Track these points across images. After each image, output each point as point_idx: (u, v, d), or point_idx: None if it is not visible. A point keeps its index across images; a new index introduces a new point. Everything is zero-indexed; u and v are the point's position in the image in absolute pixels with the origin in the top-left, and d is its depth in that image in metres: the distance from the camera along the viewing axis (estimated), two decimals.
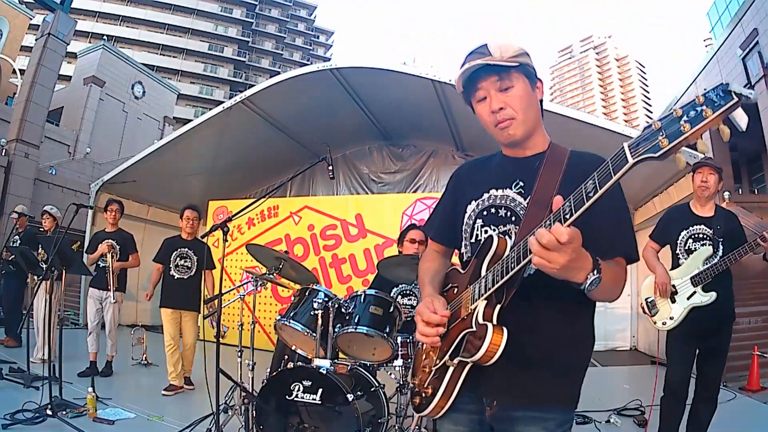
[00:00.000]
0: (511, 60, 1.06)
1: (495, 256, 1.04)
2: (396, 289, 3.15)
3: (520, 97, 1.08)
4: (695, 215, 2.59)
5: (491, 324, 0.99)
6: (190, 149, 6.83)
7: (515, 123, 1.08)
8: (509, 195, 1.13)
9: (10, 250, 4.92)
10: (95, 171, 16.69)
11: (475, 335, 1.00)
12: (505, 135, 1.10)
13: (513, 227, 1.10)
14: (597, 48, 79.52)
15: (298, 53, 45.81)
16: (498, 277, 0.98)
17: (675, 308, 2.51)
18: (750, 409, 3.74)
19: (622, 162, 0.75)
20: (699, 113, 0.68)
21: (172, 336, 3.82)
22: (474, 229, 1.17)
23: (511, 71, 1.07)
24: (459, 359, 1.03)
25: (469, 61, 1.08)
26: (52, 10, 12.56)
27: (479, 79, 1.08)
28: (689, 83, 17.19)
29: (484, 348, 0.96)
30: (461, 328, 1.05)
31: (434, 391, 1.08)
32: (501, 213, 1.13)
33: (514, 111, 1.08)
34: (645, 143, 0.73)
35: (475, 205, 1.18)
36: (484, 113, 1.11)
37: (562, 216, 0.83)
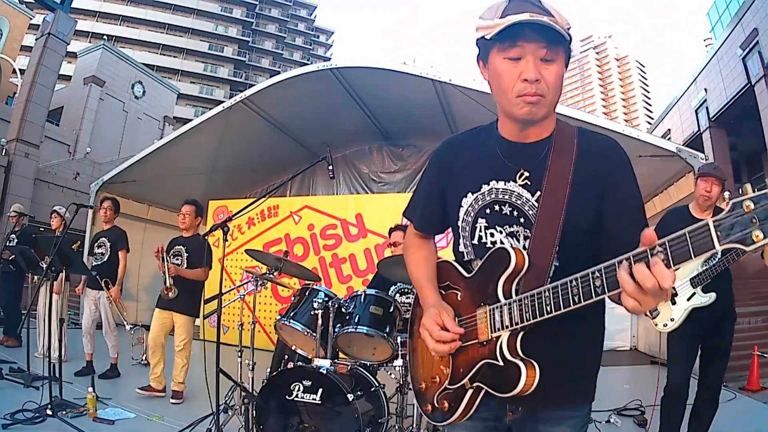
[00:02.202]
0: (567, 32, 0.91)
1: (512, 273, 0.94)
2: (394, 288, 3.16)
3: (557, 75, 0.93)
4: (694, 218, 2.59)
5: (522, 362, 0.90)
6: (190, 149, 6.82)
7: (543, 102, 0.93)
8: (514, 190, 1.01)
9: (10, 249, 4.92)
10: (95, 171, 16.69)
11: (502, 370, 0.92)
12: (526, 111, 0.94)
13: (521, 229, 1.01)
14: (597, 48, 79.51)
15: (298, 53, 45.82)
16: (529, 315, 0.88)
17: (675, 310, 2.52)
18: (750, 409, 3.74)
19: (706, 245, 0.64)
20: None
21: (152, 337, 3.68)
22: (476, 230, 1.06)
23: (561, 45, 0.92)
24: (479, 385, 0.97)
25: (526, 10, 0.88)
26: (52, 9, 12.56)
27: (524, 35, 0.89)
28: (689, 83, 17.18)
29: (519, 389, 0.89)
30: (480, 354, 0.97)
31: (452, 406, 1.03)
32: (506, 210, 1.02)
33: (546, 88, 0.92)
34: (734, 228, 0.62)
35: (472, 199, 1.06)
36: (510, 75, 0.92)
37: (649, 255, 0.71)
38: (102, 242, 4.36)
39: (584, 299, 0.80)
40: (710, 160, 1.18)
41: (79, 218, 4.08)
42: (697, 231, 0.65)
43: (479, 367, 0.97)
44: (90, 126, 21.30)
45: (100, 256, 4.32)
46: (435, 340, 1.00)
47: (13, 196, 11.37)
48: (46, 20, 12.58)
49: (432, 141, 7.29)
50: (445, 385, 1.05)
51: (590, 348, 1.07)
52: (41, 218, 9.38)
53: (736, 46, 13.57)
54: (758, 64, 12.50)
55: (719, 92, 14.74)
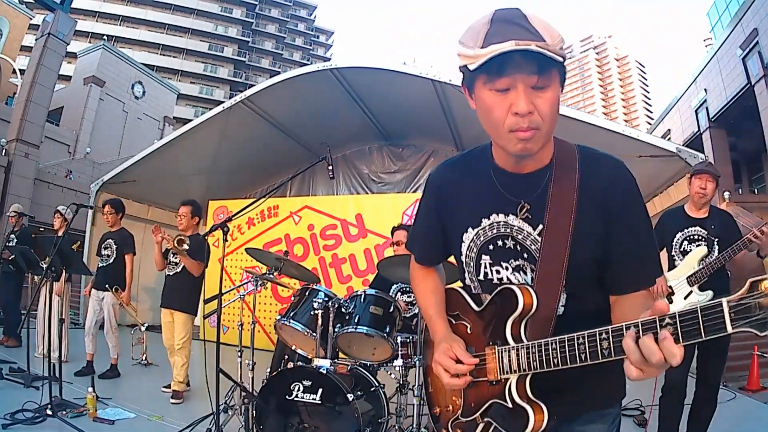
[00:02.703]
0: (559, 53, 0.80)
1: (521, 315, 0.92)
2: (395, 287, 3.16)
3: (552, 103, 0.83)
4: (690, 217, 2.60)
5: (529, 405, 0.88)
6: (190, 149, 6.82)
7: (537, 135, 0.83)
8: (515, 224, 0.96)
9: (10, 249, 4.92)
10: (95, 171, 16.70)
11: (510, 410, 0.91)
12: (520, 148, 0.85)
13: (526, 264, 0.97)
14: (597, 48, 79.53)
15: (298, 53, 45.83)
16: (536, 364, 0.86)
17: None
18: (750, 409, 3.74)
19: (718, 326, 0.63)
20: None
21: (166, 338, 3.74)
22: (480, 267, 1.02)
23: (554, 68, 0.82)
24: (489, 420, 0.97)
25: (511, 37, 0.77)
26: (52, 10, 12.57)
27: (513, 64, 0.79)
28: (689, 83, 17.19)
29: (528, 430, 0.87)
30: (490, 392, 0.96)
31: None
32: (509, 245, 0.98)
33: (540, 119, 0.82)
34: (750, 313, 0.60)
35: (474, 234, 1.02)
36: (500, 109, 0.83)
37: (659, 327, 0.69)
38: (108, 244, 4.37)
39: (591, 359, 0.77)
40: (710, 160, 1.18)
41: (79, 218, 4.09)
42: (710, 310, 0.63)
43: (489, 405, 0.96)
44: (90, 126, 21.31)
45: (106, 258, 4.33)
46: (451, 375, 0.97)
47: (13, 196, 11.38)
48: (46, 20, 12.59)
49: (432, 141, 7.31)
50: (458, 415, 1.05)
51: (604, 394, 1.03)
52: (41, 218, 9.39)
53: (736, 46, 13.58)
54: (758, 64, 12.52)
55: (719, 92, 14.75)
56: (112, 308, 4.29)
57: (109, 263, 4.31)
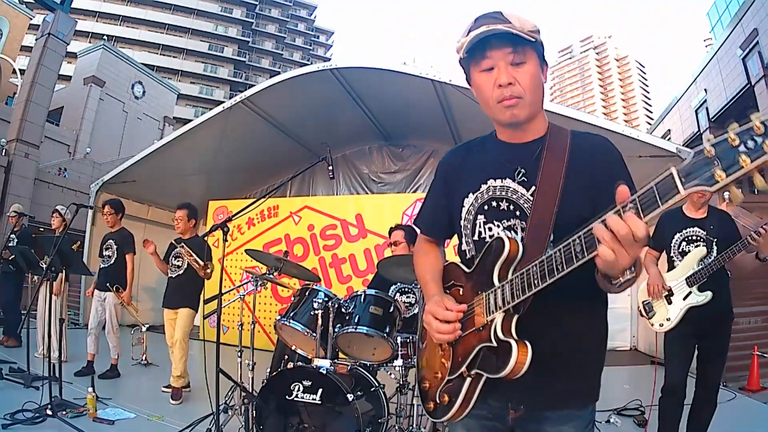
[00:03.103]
0: (530, 34, 0.97)
1: (507, 260, 0.98)
2: (394, 287, 3.16)
3: (531, 75, 0.99)
4: (688, 218, 2.60)
5: (514, 341, 0.93)
6: (190, 149, 6.82)
7: (522, 103, 0.99)
8: (510, 186, 1.06)
9: (10, 249, 4.92)
10: (95, 171, 16.70)
11: (496, 351, 0.95)
12: (509, 115, 1.00)
13: (518, 222, 1.05)
14: (597, 48, 79.53)
15: (298, 53, 45.82)
16: (518, 292, 0.92)
17: (672, 309, 2.52)
18: (750, 409, 3.74)
19: (672, 191, 0.68)
20: (758, 145, 0.61)
21: (169, 336, 3.78)
22: (476, 226, 1.10)
23: (527, 46, 0.98)
24: (477, 371, 0.99)
25: (484, 24, 0.97)
26: (52, 10, 12.57)
27: (490, 46, 0.97)
28: (689, 83, 17.20)
29: (509, 367, 0.91)
30: (477, 339, 1.00)
31: (451, 399, 1.04)
32: (503, 206, 1.06)
33: (522, 89, 0.98)
34: (698, 172, 0.66)
35: (473, 198, 1.11)
36: (487, 85, 1.00)
37: (622, 210, 0.74)
38: (109, 244, 4.38)
39: (567, 266, 0.83)
40: None
41: (79, 218, 4.09)
42: (662, 181, 0.70)
43: (476, 353, 0.99)
44: (90, 126, 21.31)
45: (107, 259, 4.34)
46: (440, 320, 1.03)
47: (13, 196, 11.38)
48: (46, 20, 12.59)
49: (432, 141, 7.30)
50: (446, 378, 1.08)
51: (593, 347, 1.08)
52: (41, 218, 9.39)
53: (736, 46, 13.58)
54: (758, 64, 12.52)
55: (719, 92, 14.75)
56: (113, 308, 4.29)
57: (110, 264, 4.31)
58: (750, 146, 0.62)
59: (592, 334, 1.07)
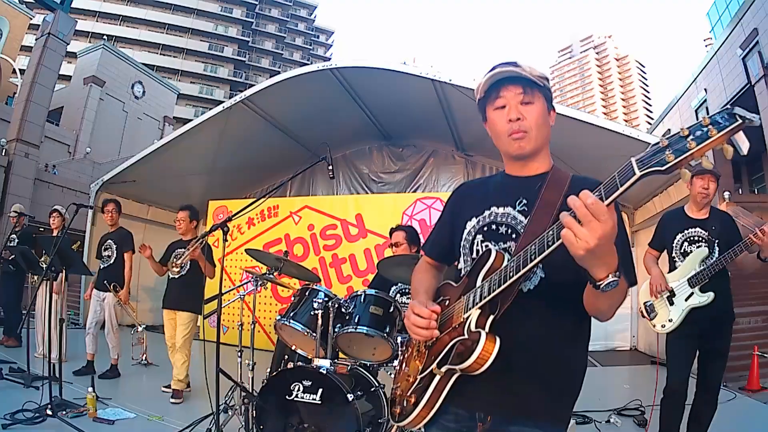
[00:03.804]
0: (538, 79, 1.11)
1: (491, 269, 1.04)
2: (394, 288, 3.15)
3: (537, 114, 1.11)
4: (690, 218, 2.60)
5: (484, 331, 0.98)
6: (190, 149, 6.82)
7: (528, 137, 1.11)
8: (511, 213, 1.14)
9: (10, 249, 4.92)
10: (95, 171, 16.68)
11: (466, 342, 1.00)
12: (516, 146, 1.12)
13: (513, 244, 1.10)
14: (597, 48, 79.47)
15: (298, 53, 45.80)
16: (495, 286, 0.99)
17: (673, 310, 2.52)
18: (750, 409, 3.74)
19: (629, 174, 0.78)
20: (705, 132, 0.73)
21: (168, 337, 3.79)
22: (474, 245, 1.18)
23: (536, 89, 1.12)
24: (447, 368, 1.02)
25: (500, 68, 1.12)
26: (52, 9, 12.56)
27: (503, 87, 1.12)
28: (689, 83, 17.18)
29: (475, 354, 0.95)
30: (452, 336, 1.05)
31: (417, 400, 1.07)
32: (501, 230, 1.14)
33: (529, 125, 1.10)
34: (652, 158, 0.77)
35: (475, 222, 1.19)
36: (500, 121, 1.13)
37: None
38: (108, 245, 4.38)
39: (539, 254, 0.89)
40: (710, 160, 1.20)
41: (79, 218, 4.08)
42: (623, 168, 0.79)
43: (449, 349, 1.04)
44: (90, 126, 21.27)
45: (107, 259, 4.34)
46: (415, 313, 1.10)
47: (13, 196, 11.36)
48: (46, 20, 12.57)
49: (432, 141, 7.31)
50: (417, 378, 1.12)
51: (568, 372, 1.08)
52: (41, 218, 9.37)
53: (736, 46, 13.57)
54: (758, 64, 12.51)
55: (719, 92, 14.74)
56: (113, 308, 4.29)
57: (110, 263, 4.32)
58: (698, 134, 0.73)
59: (571, 359, 1.09)
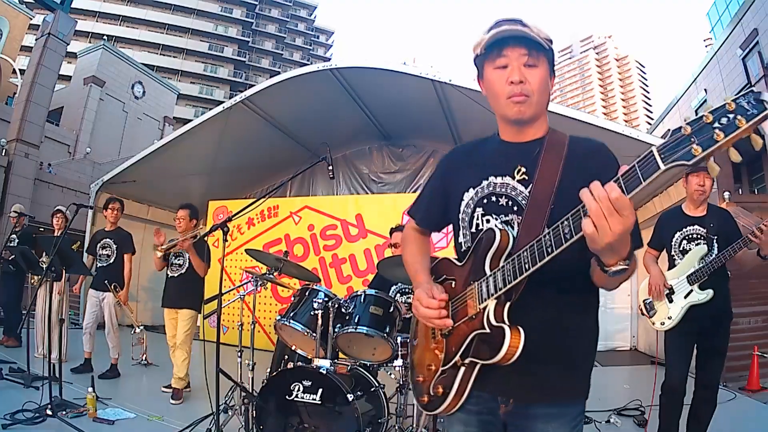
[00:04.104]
0: (545, 41, 1.06)
1: (498, 250, 1.02)
2: (394, 288, 3.16)
3: (540, 78, 1.06)
4: (688, 216, 2.60)
5: (507, 326, 0.96)
6: (190, 149, 6.82)
7: (529, 101, 1.05)
8: (510, 183, 1.10)
9: (10, 249, 4.92)
10: (95, 171, 16.68)
11: (489, 337, 0.97)
12: (516, 110, 1.06)
13: (515, 217, 1.08)
14: (597, 48, 79.43)
15: (298, 53, 45.79)
16: (510, 277, 0.96)
17: (673, 308, 2.53)
18: (750, 409, 3.74)
19: (652, 167, 0.73)
20: (731, 121, 0.65)
21: (170, 336, 3.80)
22: (473, 218, 1.14)
23: (541, 52, 1.06)
24: (471, 360, 1.01)
25: (506, 25, 1.05)
26: (52, 10, 12.55)
27: (507, 46, 1.05)
28: (689, 83, 17.19)
29: (503, 352, 0.93)
30: (471, 327, 1.03)
31: (445, 390, 1.06)
32: (502, 202, 1.10)
33: (531, 89, 1.05)
34: (676, 149, 0.70)
35: (473, 193, 1.15)
36: (499, 81, 1.06)
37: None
38: (107, 243, 4.37)
39: (556, 247, 0.86)
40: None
41: (79, 218, 4.09)
42: (644, 159, 0.74)
43: (470, 341, 1.02)
44: (90, 126, 21.26)
45: (105, 258, 4.33)
46: (424, 306, 1.07)
47: (13, 196, 11.35)
48: (46, 20, 12.56)
49: (432, 141, 7.30)
50: (439, 369, 1.10)
51: (583, 342, 1.09)
52: (41, 218, 9.36)
53: (736, 46, 13.58)
54: (758, 64, 12.52)
55: (719, 92, 14.73)
56: (113, 308, 4.29)
57: (109, 263, 4.31)
58: (723, 122, 0.66)
59: (583, 330, 1.09)
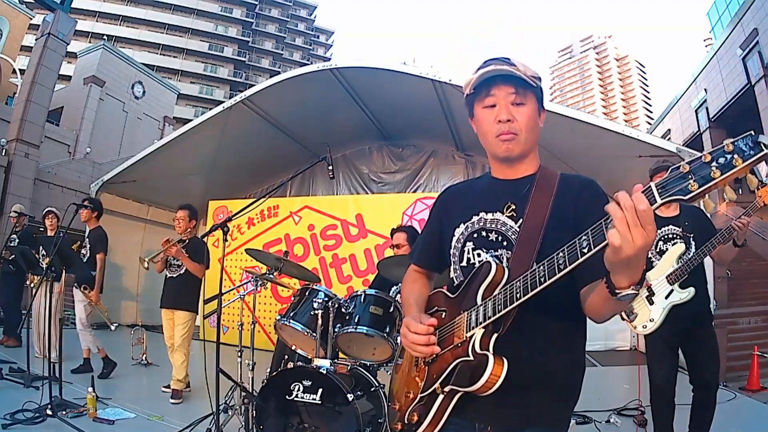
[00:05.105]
0: (531, 79, 1.07)
1: (492, 283, 1.02)
2: (394, 288, 3.15)
3: (528, 116, 1.08)
4: (661, 217, 2.56)
5: (491, 354, 0.95)
6: (190, 149, 6.82)
7: (517, 139, 1.07)
8: (500, 219, 1.11)
9: (10, 249, 4.92)
10: (95, 171, 16.68)
11: (471, 364, 0.96)
12: (504, 148, 1.08)
13: (505, 252, 1.08)
14: (597, 48, 79.44)
15: (298, 53, 45.79)
16: (500, 306, 0.95)
17: (654, 309, 2.45)
18: (750, 409, 3.74)
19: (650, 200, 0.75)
20: (729, 161, 0.70)
21: (168, 337, 3.78)
22: (464, 252, 1.15)
23: (528, 90, 1.08)
24: (451, 388, 1.00)
25: (493, 64, 1.07)
26: (52, 10, 12.55)
27: (495, 85, 1.07)
28: (689, 83, 17.18)
29: (483, 379, 0.92)
30: (455, 355, 1.02)
31: (420, 418, 1.05)
32: (492, 237, 1.11)
33: (519, 127, 1.07)
34: (674, 185, 0.74)
35: (463, 228, 1.16)
36: (488, 120, 1.09)
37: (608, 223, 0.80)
38: (85, 243, 4.38)
39: (549, 277, 0.87)
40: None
41: (79, 218, 4.09)
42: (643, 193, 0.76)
43: (452, 368, 1.01)
44: (90, 126, 21.24)
45: (82, 257, 4.33)
46: (412, 331, 1.06)
47: (13, 196, 11.35)
48: (46, 20, 12.56)
49: (432, 141, 7.31)
50: (417, 396, 1.08)
51: (567, 379, 1.08)
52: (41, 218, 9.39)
53: (736, 46, 13.57)
54: (758, 64, 12.51)
55: (719, 92, 14.73)
56: (81, 306, 4.27)
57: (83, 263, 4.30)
58: (721, 162, 0.70)
59: (568, 364, 1.08)
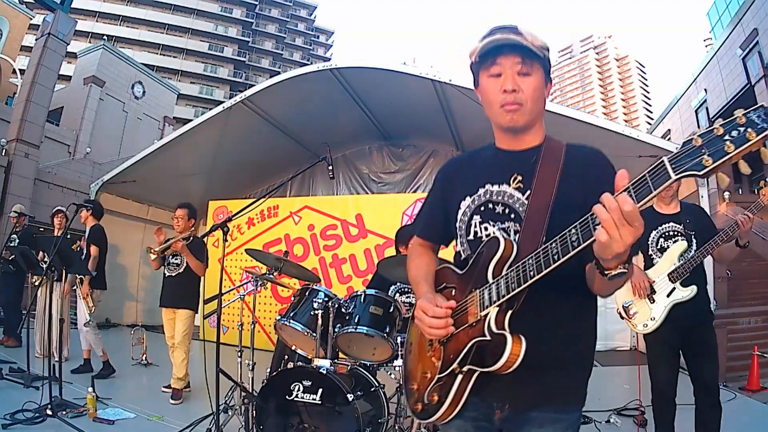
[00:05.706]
0: (539, 49, 1.05)
1: (501, 259, 1.00)
2: (394, 287, 3.15)
3: (534, 86, 1.06)
4: (661, 214, 2.54)
5: (508, 333, 0.94)
6: (190, 149, 6.82)
7: (522, 110, 1.06)
8: (507, 191, 1.10)
9: (10, 249, 4.92)
10: (95, 171, 16.68)
11: (490, 344, 0.96)
12: (508, 119, 1.07)
13: (512, 224, 1.07)
14: (597, 48, 79.45)
15: (298, 53, 45.80)
16: (514, 285, 0.95)
17: (655, 308, 2.45)
18: (750, 409, 3.74)
19: (663, 177, 0.73)
20: (742, 134, 0.68)
21: (168, 336, 3.79)
22: (471, 226, 1.14)
23: (535, 60, 1.05)
24: (470, 367, 0.99)
25: (499, 33, 1.05)
26: (52, 10, 12.55)
27: (501, 54, 1.05)
28: (689, 83, 17.18)
29: (503, 359, 0.92)
30: (469, 335, 1.01)
31: (441, 398, 1.04)
32: (498, 209, 1.10)
33: (525, 98, 1.05)
34: (687, 159, 0.71)
35: (470, 201, 1.14)
36: (493, 90, 1.07)
37: None
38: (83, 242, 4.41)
39: (563, 255, 0.86)
40: None
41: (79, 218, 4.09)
42: (654, 169, 0.74)
43: (469, 348, 1.00)
44: (90, 126, 21.23)
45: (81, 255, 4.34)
46: (430, 316, 1.04)
47: (13, 196, 11.34)
48: (46, 20, 12.55)
49: (432, 141, 7.31)
50: (436, 376, 1.08)
51: (581, 351, 1.09)
52: (41, 218, 9.38)
53: (736, 46, 13.57)
54: (758, 64, 12.51)
55: (719, 92, 14.74)
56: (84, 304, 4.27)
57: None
58: (734, 135, 0.68)
59: (582, 335, 1.09)
